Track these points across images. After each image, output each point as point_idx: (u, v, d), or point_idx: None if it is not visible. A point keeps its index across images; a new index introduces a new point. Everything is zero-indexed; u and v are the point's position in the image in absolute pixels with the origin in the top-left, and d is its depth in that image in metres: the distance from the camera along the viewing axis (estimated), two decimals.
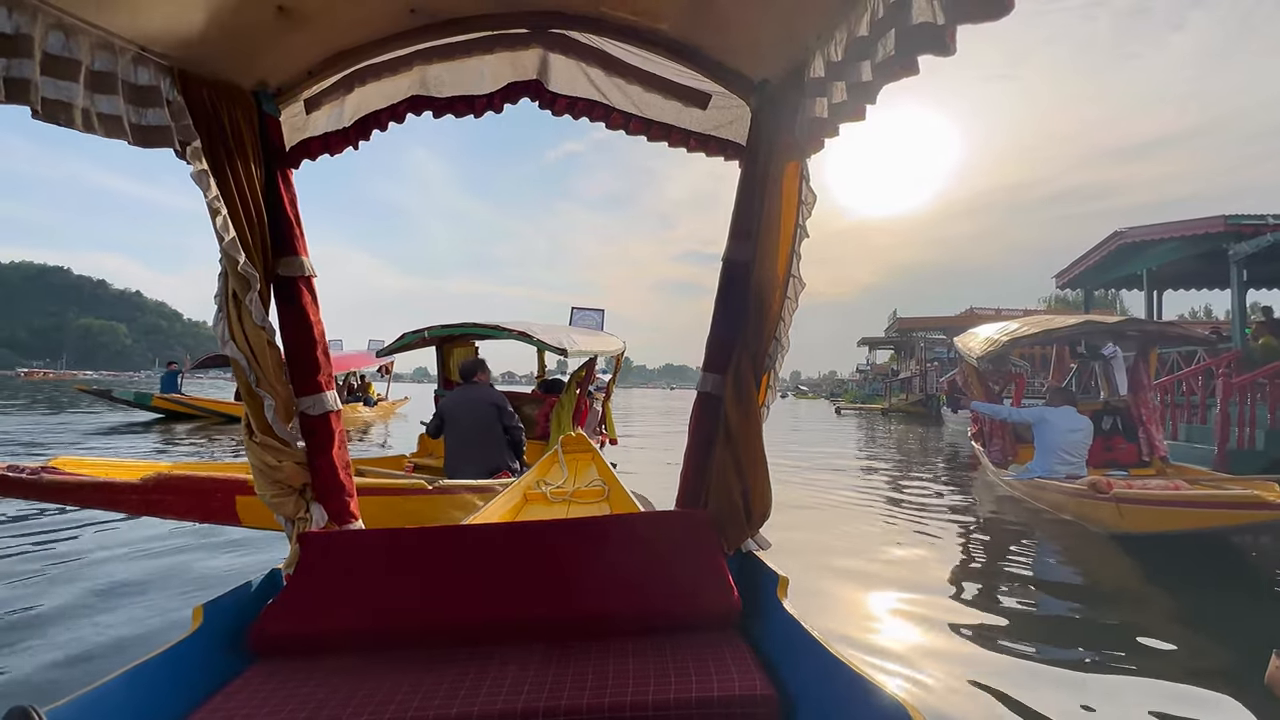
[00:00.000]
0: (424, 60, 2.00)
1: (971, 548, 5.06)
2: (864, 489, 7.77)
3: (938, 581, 4.13)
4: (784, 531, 5.01)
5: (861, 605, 3.69)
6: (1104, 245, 11.82)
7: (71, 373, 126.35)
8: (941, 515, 6.17)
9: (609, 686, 1.42)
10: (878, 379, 42.49)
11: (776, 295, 1.90)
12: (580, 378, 7.09)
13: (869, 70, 1.32)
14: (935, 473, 9.33)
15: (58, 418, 16.37)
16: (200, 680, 1.48)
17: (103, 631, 3.17)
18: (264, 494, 1.96)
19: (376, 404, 19.91)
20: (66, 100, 1.41)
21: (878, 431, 18.80)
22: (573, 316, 10.22)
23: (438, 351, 7.37)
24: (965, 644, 3.11)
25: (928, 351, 28.14)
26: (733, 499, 1.90)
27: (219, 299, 1.83)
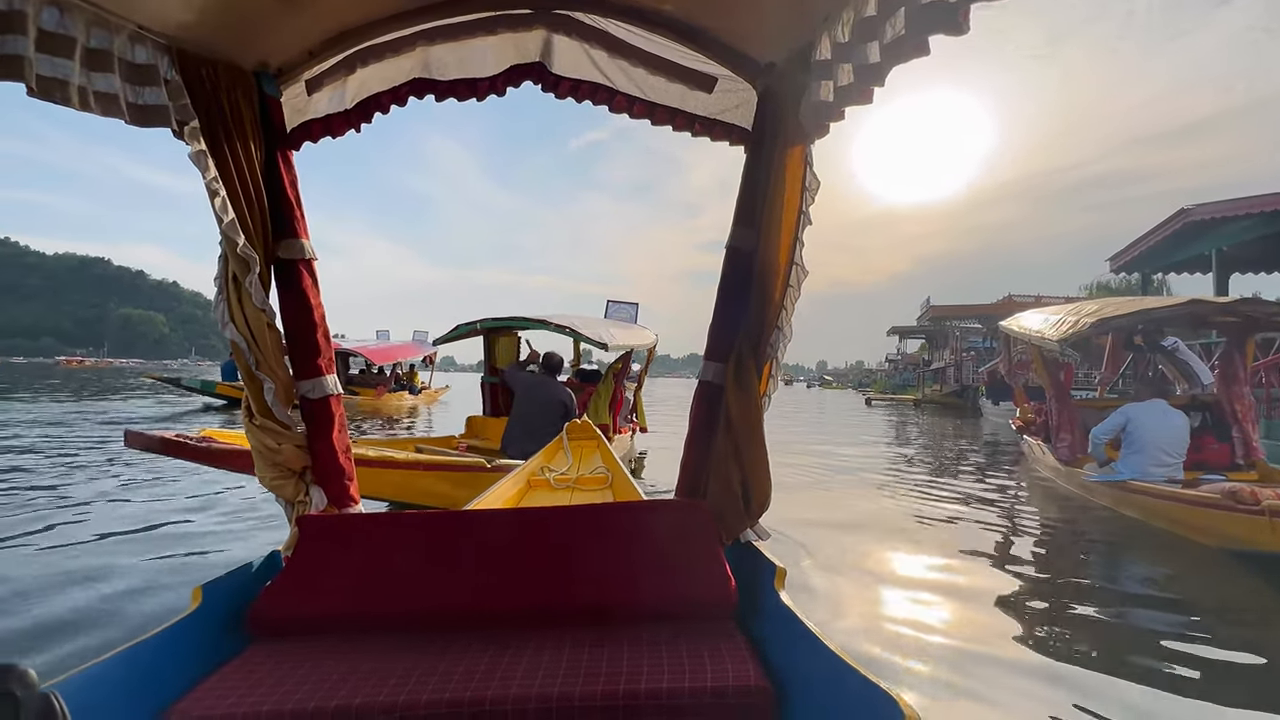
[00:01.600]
0: (426, 41, 1.97)
1: (1049, 562, 4.30)
2: (906, 486, 7.22)
3: (1008, 604, 3.51)
4: (813, 532, 4.72)
5: (922, 635, 3.06)
6: (1167, 225, 11.21)
7: (108, 360, 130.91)
8: (997, 518, 5.55)
9: (603, 674, 1.42)
10: (908, 369, 41.75)
11: (779, 283, 1.87)
12: (617, 369, 7.58)
13: (877, 51, 1.28)
14: (981, 470, 8.55)
15: (110, 404, 17.32)
16: (198, 659, 1.49)
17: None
18: (263, 476, 1.96)
19: (420, 391, 20.92)
20: (62, 78, 1.40)
21: (912, 423, 18.24)
22: (608, 309, 10.30)
23: (485, 341, 7.97)
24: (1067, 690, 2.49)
25: (963, 341, 27.43)
26: (732, 489, 1.88)
27: (219, 281, 1.83)
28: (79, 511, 5.17)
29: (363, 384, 18.76)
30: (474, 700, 1.34)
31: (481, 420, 7.64)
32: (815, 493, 6.68)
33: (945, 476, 7.92)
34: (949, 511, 5.76)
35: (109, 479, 6.61)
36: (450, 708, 1.34)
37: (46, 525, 4.73)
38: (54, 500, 5.55)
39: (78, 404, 16.93)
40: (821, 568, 4.01)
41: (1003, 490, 6.94)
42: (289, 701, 1.33)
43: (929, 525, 5.27)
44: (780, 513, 5.05)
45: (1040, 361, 6.91)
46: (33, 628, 2.95)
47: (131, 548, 4.22)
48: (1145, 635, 3.10)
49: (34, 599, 3.29)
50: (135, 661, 1.35)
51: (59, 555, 4.05)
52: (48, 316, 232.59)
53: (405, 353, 19.71)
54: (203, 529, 4.69)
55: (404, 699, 1.34)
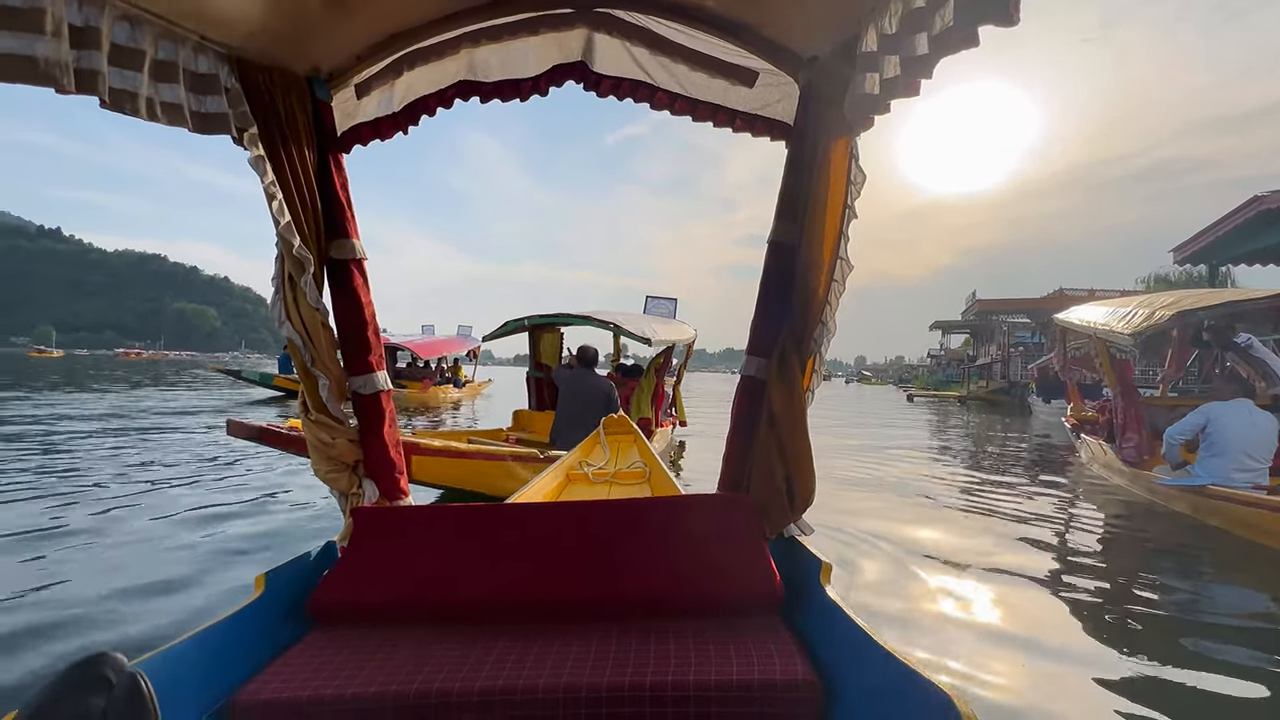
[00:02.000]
0: (470, 43, 2.01)
1: (1115, 570, 4.01)
2: (954, 486, 6.85)
3: (1075, 610, 3.31)
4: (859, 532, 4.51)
5: (974, 645, 2.89)
6: (1239, 213, 10.62)
7: (164, 353, 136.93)
8: (1053, 522, 5.24)
9: (650, 666, 1.43)
10: (951, 364, 40.70)
11: (823, 278, 1.86)
12: (659, 364, 7.78)
13: (925, 43, 1.27)
14: (1034, 470, 8.11)
15: (180, 394, 18.39)
16: (263, 644, 1.56)
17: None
18: (319, 469, 2.03)
19: (465, 385, 21.43)
20: (131, 90, 1.46)
21: (957, 421, 17.61)
22: (647, 305, 10.38)
23: (530, 337, 8.28)
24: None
25: (1010, 336, 26.56)
26: (775, 483, 1.88)
27: (275, 281, 1.89)
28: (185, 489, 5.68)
29: (409, 377, 19.17)
30: (526, 689, 1.37)
31: (528, 414, 7.93)
32: (857, 491, 6.52)
33: (995, 476, 7.58)
34: (1001, 513, 5.51)
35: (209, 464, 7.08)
36: (504, 694, 1.37)
37: (196, 509, 5.07)
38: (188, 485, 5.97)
39: (144, 393, 17.96)
40: (865, 568, 3.90)
41: (1058, 493, 6.56)
42: (349, 687, 1.38)
43: (979, 526, 5.05)
44: (825, 511, 4.95)
45: (1105, 357, 6.58)
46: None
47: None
48: (1241, 662, 2.75)
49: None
50: (206, 645, 1.41)
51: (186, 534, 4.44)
52: (109, 311, 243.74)
53: (450, 347, 20.22)
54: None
55: (457, 686, 1.38)
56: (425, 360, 19.72)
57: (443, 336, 21.14)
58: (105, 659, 0.88)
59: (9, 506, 5.08)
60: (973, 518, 5.32)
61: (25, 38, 1.22)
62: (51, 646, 2.78)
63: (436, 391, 18.83)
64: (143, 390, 19.22)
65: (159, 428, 10.13)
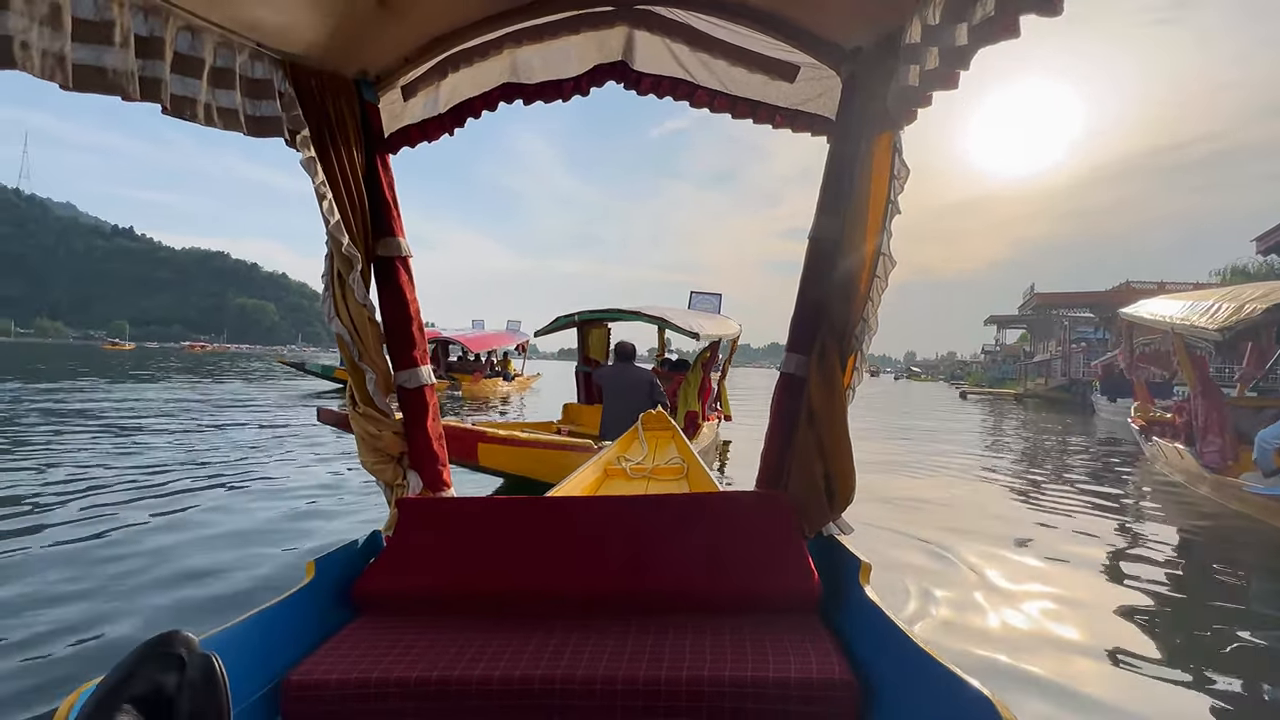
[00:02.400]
0: (513, 44, 2.03)
1: (1196, 588, 3.75)
2: (1014, 490, 6.57)
3: (1146, 630, 3.11)
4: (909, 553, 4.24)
5: (1029, 655, 2.80)
6: None
7: (225, 346, 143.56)
8: (1126, 533, 4.95)
9: (686, 661, 1.44)
10: (1007, 361, 39.30)
11: (865, 274, 1.83)
12: (705, 359, 7.87)
13: (965, 33, 1.24)
14: (1101, 475, 7.67)
15: (239, 386, 19.51)
16: (312, 628, 1.62)
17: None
18: (366, 461, 2.10)
19: (514, 379, 21.96)
20: (191, 96, 1.52)
21: (1013, 421, 16.93)
22: (692, 300, 10.42)
23: (579, 332, 8.53)
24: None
25: (1072, 331, 25.46)
26: (814, 481, 1.87)
27: (325, 278, 1.95)
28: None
29: (460, 370, 19.72)
30: (565, 679, 1.39)
31: (577, 408, 8.13)
32: (905, 491, 6.34)
33: (1057, 483, 7.18)
34: (1068, 524, 5.21)
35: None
36: (542, 684, 1.39)
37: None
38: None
39: (219, 386, 18.98)
40: (913, 574, 3.78)
41: (1129, 501, 6.19)
42: (394, 671, 1.43)
43: (1041, 536, 4.81)
44: (869, 512, 4.80)
45: (1184, 354, 6.15)
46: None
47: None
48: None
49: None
50: (261, 627, 1.47)
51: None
52: (177, 306, 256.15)
53: (500, 341, 20.84)
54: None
55: (497, 674, 1.41)
56: (476, 354, 20.22)
57: (492, 331, 21.84)
58: (177, 637, 0.91)
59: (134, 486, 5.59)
60: (1036, 529, 5.05)
61: (96, 49, 1.28)
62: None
63: (486, 384, 19.26)
64: (227, 384, 20.36)
65: (241, 420, 10.82)
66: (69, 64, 1.24)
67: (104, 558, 3.78)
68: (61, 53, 1.22)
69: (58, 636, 2.80)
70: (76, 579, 3.44)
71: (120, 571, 3.57)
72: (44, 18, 1.19)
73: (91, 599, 3.21)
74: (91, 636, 2.82)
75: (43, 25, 1.19)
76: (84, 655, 2.65)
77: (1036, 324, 31.81)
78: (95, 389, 15.95)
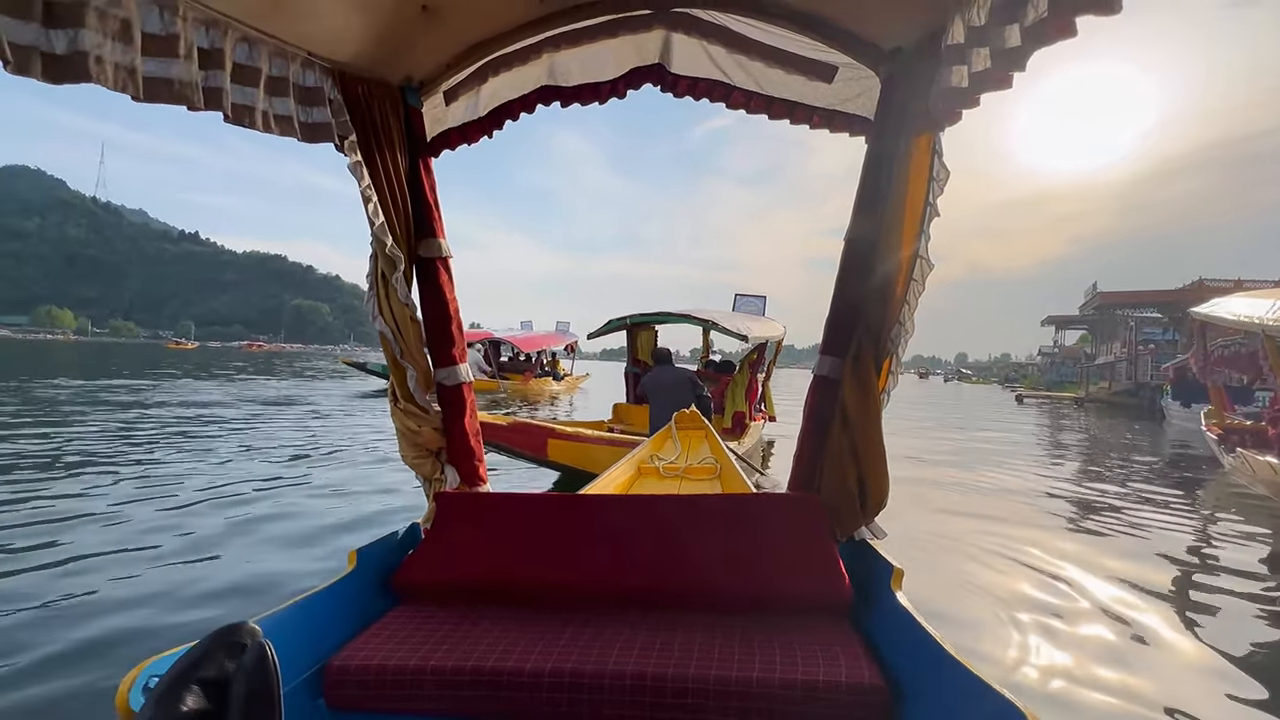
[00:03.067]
0: (552, 48, 2.07)
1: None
2: (1085, 508, 6.14)
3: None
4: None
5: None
6: None
7: (280, 345, 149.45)
8: (1213, 558, 4.61)
9: (715, 660, 1.45)
10: (1066, 363, 37.68)
11: (902, 277, 1.81)
12: (752, 359, 8.10)
13: (1017, 34, 1.22)
14: (1181, 490, 7.14)
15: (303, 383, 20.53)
16: (354, 615, 1.68)
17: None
18: (406, 455, 2.15)
19: (563, 379, 22.37)
20: (250, 104, 1.59)
21: (1077, 427, 16.08)
22: (736, 302, 10.55)
23: (628, 335, 8.92)
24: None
25: (1138, 332, 24.25)
26: (847, 485, 1.86)
27: (370, 278, 2.01)
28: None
29: (512, 369, 20.24)
30: (595, 673, 1.42)
31: (626, 407, 8.50)
32: (955, 507, 6.07)
33: (1131, 496, 6.70)
34: (1144, 545, 4.89)
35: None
36: (573, 677, 1.42)
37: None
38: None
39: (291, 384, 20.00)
40: (969, 596, 3.59)
41: (1213, 516, 5.80)
42: (430, 659, 1.48)
43: (1113, 553, 4.52)
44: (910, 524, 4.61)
45: (1277, 356, 5.86)
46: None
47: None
48: None
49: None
50: (305, 613, 1.53)
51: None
52: (238, 307, 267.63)
53: (549, 341, 21.36)
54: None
55: (529, 666, 1.44)
56: (526, 354, 20.73)
57: (542, 332, 22.27)
58: (244, 628, 1.00)
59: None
60: (1110, 549, 4.71)
61: (163, 61, 1.36)
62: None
63: (535, 384, 19.66)
64: (288, 379, 21.46)
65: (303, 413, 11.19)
66: (139, 76, 1.31)
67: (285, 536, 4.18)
68: (132, 66, 1.29)
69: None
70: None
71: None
72: (116, 33, 1.25)
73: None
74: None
75: (115, 40, 1.26)
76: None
77: (1098, 325, 30.39)
78: (189, 389, 16.73)
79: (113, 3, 1.24)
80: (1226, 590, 3.96)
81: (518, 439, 5.85)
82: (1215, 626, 3.38)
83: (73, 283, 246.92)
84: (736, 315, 9.10)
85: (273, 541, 4.22)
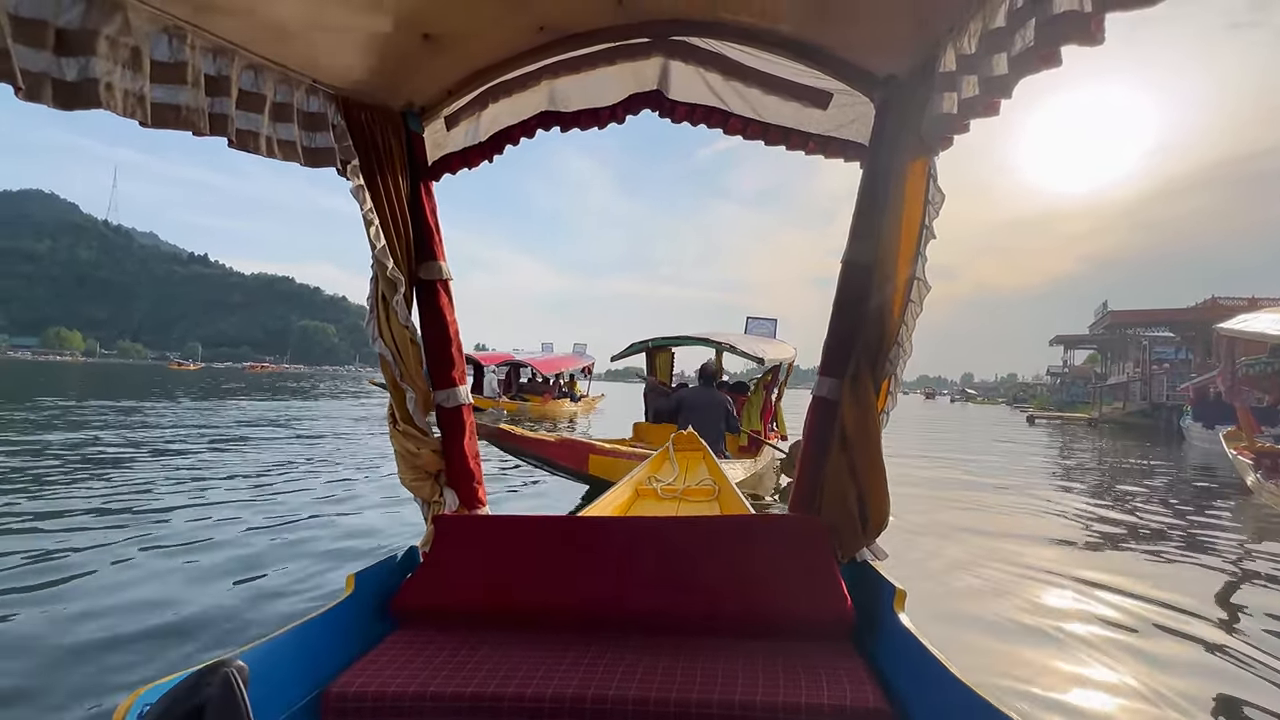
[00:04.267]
0: (551, 75, 2.10)
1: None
2: (1110, 540, 5.75)
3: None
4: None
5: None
6: None
7: (282, 365, 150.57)
8: (1237, 586, 4.37)
9: (717, 684, 1.44)
10: (1076, 383, 37.37)
11: (899, 298, 1.83)
12: (767, 381, 8.53)
13: (1004, 63, 1.26)
14: (1215, 520, 6.64)
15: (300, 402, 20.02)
16: (352, 640, 1.67)
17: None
18: (404, 478, 2.14)
19: (580, 400, 22.75)
20: (254, 130, 1.62)
21: (1094, 449, 15.25)
22: (748, 325, 10.83)
23: (647, 356, 9.36)
24: None
25: (1151, 352, 24.03)
26: (848, 506, 1.86)
27: (370, 301, 2.02)
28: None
29: (531, 391, 20.83)
30: (596, 698, 1.41)
31: (645, 426, 8.68)
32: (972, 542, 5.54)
33: (1157, 528, 6.25)
34: (1169, 573, 4.65)
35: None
36: (574, 703, 1.41)
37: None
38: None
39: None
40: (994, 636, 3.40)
41: (1236, 541, 5.53)
42: (429, 685, 1.46)
43: (1150, 588, 4.25)
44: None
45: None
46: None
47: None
48: None
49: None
50: (302, 639, 1.51)
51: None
52: (246, 328, 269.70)
53: (568, 363, 22.02)
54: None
55: (530, 691, 1.43)
56: (545, 376, 21.23)
57: (561, 354, 22.93)
58: (220, 662, 1.02)
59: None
60: (1141, 583, 4.39)
61: (171, 88, 1.38)
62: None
63: (554, 405, 19.94)
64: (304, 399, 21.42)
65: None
66: (147, 103, 1.33)
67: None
68: (141, 92, 1.32)
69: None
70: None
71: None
72: (126, 61, 1.28)
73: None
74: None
75: (124, 68, 1.28)
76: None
77: (1109, 344, 30.19)
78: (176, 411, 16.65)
79: (123, 31, 1.26)
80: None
81: (564, 454, 6.23)
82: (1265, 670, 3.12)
83: (83, 304, 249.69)
84: (751, 338, 9.44)
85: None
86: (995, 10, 1.25)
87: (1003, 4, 1.23)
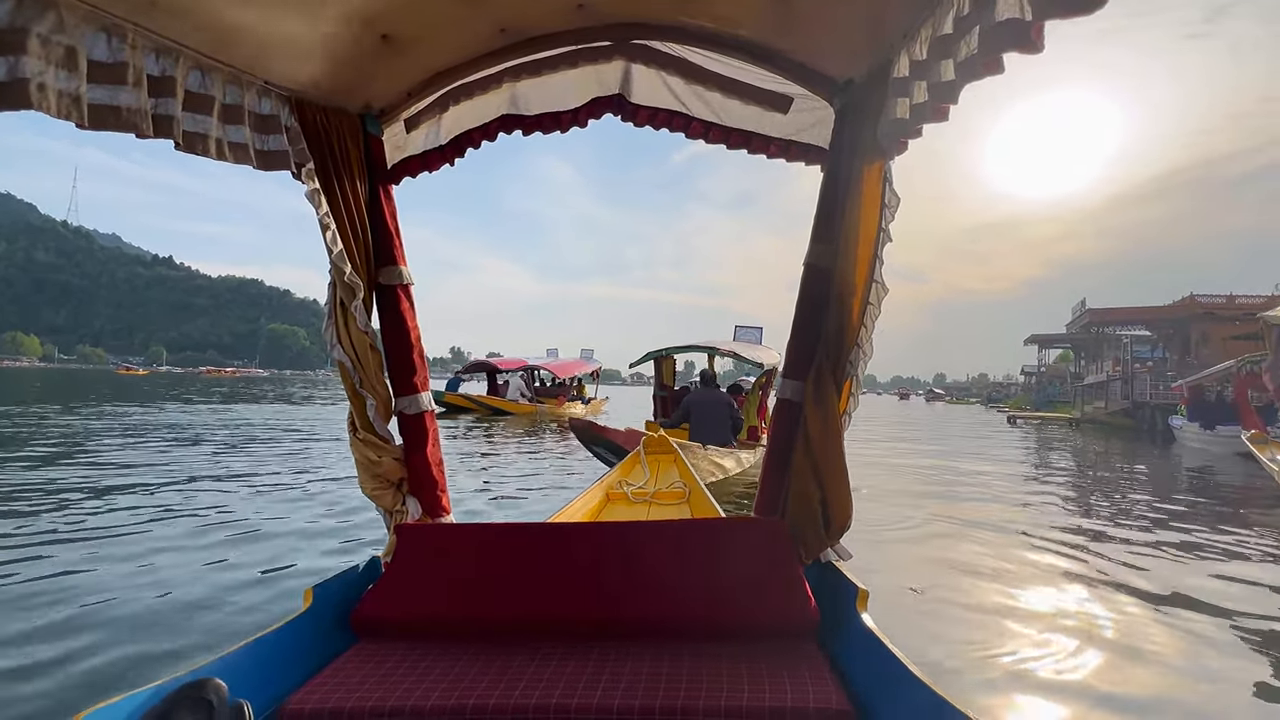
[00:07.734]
0: (513, 78, 2.08)
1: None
2: (1122, 547, 5.17)
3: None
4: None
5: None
6: None
7: (247, 370, 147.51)
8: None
9: (683, 689, 1.44)
10: (1054, 382, 38.02)
11: (858, 300, 1.85)
12: (763, 383, 9.74)
13: (951, 69, 1.28)
14: (1239, 524, 6.25)
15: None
16: (311, 655, 1.62)
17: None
18: (365, 486, 2.10)
19: (589, 402, 24.19)
20: (203, 132, 1.57)
21: (1081, 450, 14.49)
22: (736, 333, 11.74)
23: (655, 363, 10.32)
24: None
25: (1129, 350, 24.39)
26: (811, 508, 1.87)
27: (328, 306, 1.98)
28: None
29: (547, 394, 22.52)
30: (560, 707, 1.40)
31: (656, 426, 9.52)
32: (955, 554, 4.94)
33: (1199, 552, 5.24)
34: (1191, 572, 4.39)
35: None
36: (537, 713, 1.39)
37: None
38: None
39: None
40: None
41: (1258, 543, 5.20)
42: (390, 699, 1.43)
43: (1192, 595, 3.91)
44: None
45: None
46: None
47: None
48: None
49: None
50: (259, 654, 1.48)
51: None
52: (212, 331, 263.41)
53: (579, 368, 23.62)
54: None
55: (493, 702, 1.41)
56: (559, 380, 22.94)
57: (572, 360, 24.66)
58: (209, 684, 0.97)
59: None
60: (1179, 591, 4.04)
61: (110, 89, 1.33)
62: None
63: (567, 407, 21.54)
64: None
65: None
66: (84, 104, 1.28)
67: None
68: (77, 93, 1.26)
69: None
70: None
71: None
72: (60, 60, 1.22)
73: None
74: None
75: (58, 67, 1.22)
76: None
77: (1083, 343, 30.70)
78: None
79: (56, 29, 1.21)
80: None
81: (630, 441, 6.79)
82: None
83: (40, 309, 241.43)
84: (746, 345, 10.62)
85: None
86: (944, 17, 1.27)
87: (951, 11, 1.25)
